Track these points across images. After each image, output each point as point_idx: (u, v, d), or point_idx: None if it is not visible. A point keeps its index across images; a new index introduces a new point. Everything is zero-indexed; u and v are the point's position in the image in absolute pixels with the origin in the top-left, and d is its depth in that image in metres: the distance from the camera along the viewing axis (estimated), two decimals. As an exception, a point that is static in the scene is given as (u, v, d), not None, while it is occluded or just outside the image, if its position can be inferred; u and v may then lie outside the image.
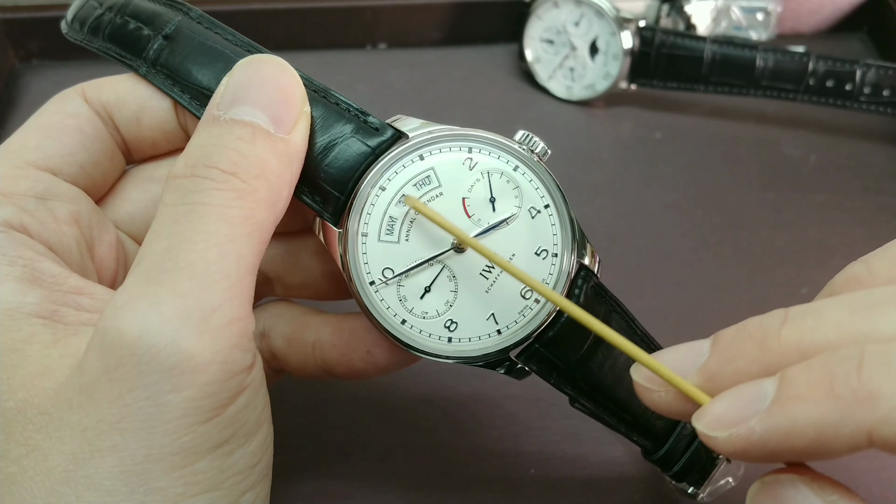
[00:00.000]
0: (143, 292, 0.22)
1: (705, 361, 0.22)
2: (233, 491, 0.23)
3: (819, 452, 0.20)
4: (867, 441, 0.19)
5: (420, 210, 0.26)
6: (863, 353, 0.19)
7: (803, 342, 0.21)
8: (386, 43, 0.56)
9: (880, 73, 0.48)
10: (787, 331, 0.21)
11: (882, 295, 0.21)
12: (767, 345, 0.21)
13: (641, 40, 0.50)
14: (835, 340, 0.20)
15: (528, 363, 0.28)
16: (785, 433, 0.20)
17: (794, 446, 0.20)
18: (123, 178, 0.30)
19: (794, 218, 0.46)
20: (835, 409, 0.19)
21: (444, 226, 0.26)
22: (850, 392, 0.19)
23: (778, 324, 0.21)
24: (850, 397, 0.19)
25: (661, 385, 0.23)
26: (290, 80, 0.25)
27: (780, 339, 0.21)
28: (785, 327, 0.21)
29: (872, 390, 0.19)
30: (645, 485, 0.35)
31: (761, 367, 0.21)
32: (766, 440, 0.20)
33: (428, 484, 0.35)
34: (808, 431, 0.19)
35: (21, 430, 0.22)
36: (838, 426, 0.19)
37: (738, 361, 0.22)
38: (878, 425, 0.19)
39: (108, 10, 0.29)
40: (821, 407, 0.19)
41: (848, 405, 0.19)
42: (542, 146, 0.28)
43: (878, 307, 0.20)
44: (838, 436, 0.19)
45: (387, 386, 0.38)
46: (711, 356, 0.22)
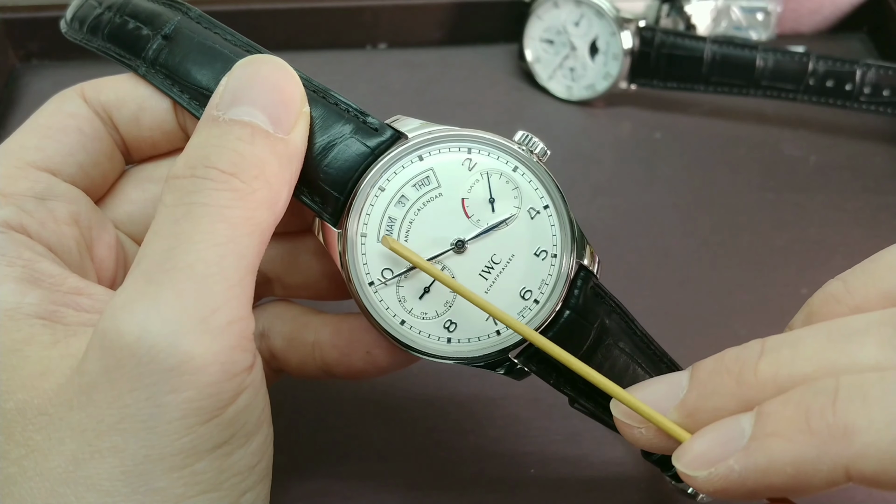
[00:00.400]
0: (143, 293, 0.22)
1: (684, 397, 0.22)
2: (233, 491, 0.23)
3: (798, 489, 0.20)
4: (845, 476, 0.19)
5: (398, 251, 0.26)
6: (838, 386, 0.19)
7: (780, 375, 0.21)
8: (386, 43, 0.56)
9: (880, 73, 0.48)
10: (764, 364, 0.21)
11: (858, 324, 0.21)
12: (745, 379, 0.21)
13: (641, 40, 0.50)
14: (811, 373, 0.20)
15: (527, 364, 0.28)
16: (763, 471, 0.20)
17: (772, 484, 0.20)
18: (123, 179, 0.30)
19: (794, 218, 0.46)
20: (812, 446, 0.19)
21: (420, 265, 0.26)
22: (826, 427, 0.19)
23: (755, 356, 0.21)
24: (825, 432, 0.19)
25: (641, 422, 0.23)
26: (289, 81, 0.25)
27: (758, 372, 0.21)
28: (762, 360, 0.21)
29: (848, 424, 0.19)
30: (645, 485, 0.35)
31: (739, 401, 0.21)
32: (744, 479, 0.20)
33: (428, 484, 0.35)
34: (786, 469, 0.19)
35: (21, 430, 0.22)
36: (816, 463, 0.19)
37: (717, 397, 0.22)
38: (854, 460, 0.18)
39: (107, 9, 0.29)
40: (797, 443, 0.19)
41: (824, 441, 0.19)
42: (541, 147, 0.27)
43: (854, 337, 0.20)
44: (816, 472, 0.19)
45: (387, 386, 0.38)
46: (690, 391, 0.22)
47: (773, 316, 0.41)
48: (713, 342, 0.40)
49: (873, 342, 0.20)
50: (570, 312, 0.27)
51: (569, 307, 0.27)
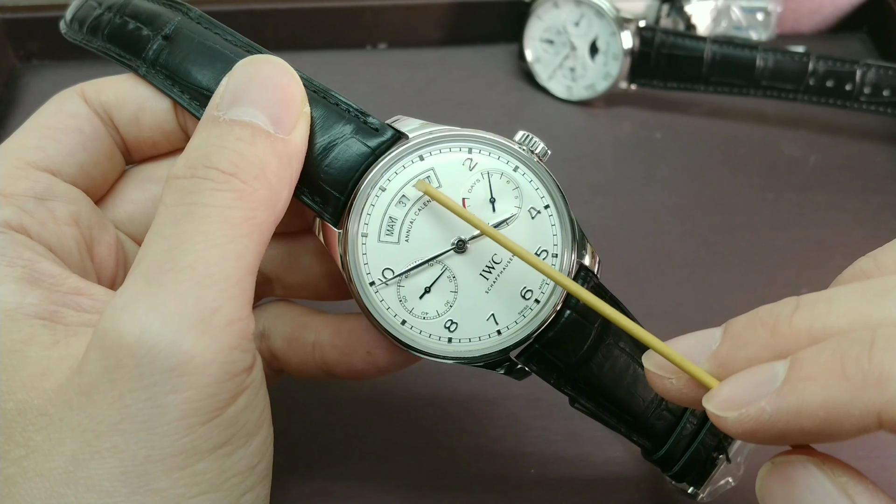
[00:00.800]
0: (143, 293, 0.22)
1: (717, 348, 0.22)
2: (233, 492, 0.23)
3: (828, 434, 0.20)
4: (877, 423, 0.19)
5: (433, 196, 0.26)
6: (874, 336, 0.19)
7: (815, 328, 0.21)
8: (386, 43, 0.56)
9: (880, 73, 0.48)
10: (799, 317, 0.21)
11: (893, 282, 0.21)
12: (779, 330, 0.21)
13: (641, 40, 0.50)
14: (846, 326, 0.20)
15: (528, 364, 0.28)
16: (795, 413, 0.20)
17: (803, 427, 0.20)
18: (123, 179, 0.30)
19: (794, 218, 0.46)
20: (845, 391, 0.19)
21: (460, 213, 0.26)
22: (861, 373, 0.19)
23: (790, 310, 0.21)
24: (860, 379, 0.19)
25: (673, 372, 0.23)
26: (289, 81, 0.25)
27: (792, 324, 0.21)
28: (797, 314, 0.21)
29: (883, 372, 0.19)
30: (645, 485, 0.35)
31: (773, 352, 0.21)
32: (775, 420, 0.20)
33: (428, 484, 0.35)
34: (817, 412, 0.19)
35: (21, 431, 0.22)
36: (848, 407, 0.19)
37: (750, 347, 0.22)
38: (887, 406, 0.18)
39: (107, 10, 0.29)
40: (831, 388, 0.19)
41: (858, 386, 0.19)
42: (542, 146, 0.27)
43: (888, 294, 0.21)
44: (848, 417, 0.19)
45: (387, 386, 0.38)
46: (723, 343, 0.22)
47: (774, 316, 0.41)
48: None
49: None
50: (570, 312, 0.27)
51: (569, 307, 0.27)
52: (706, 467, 0.30)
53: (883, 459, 0.36)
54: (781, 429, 0.20)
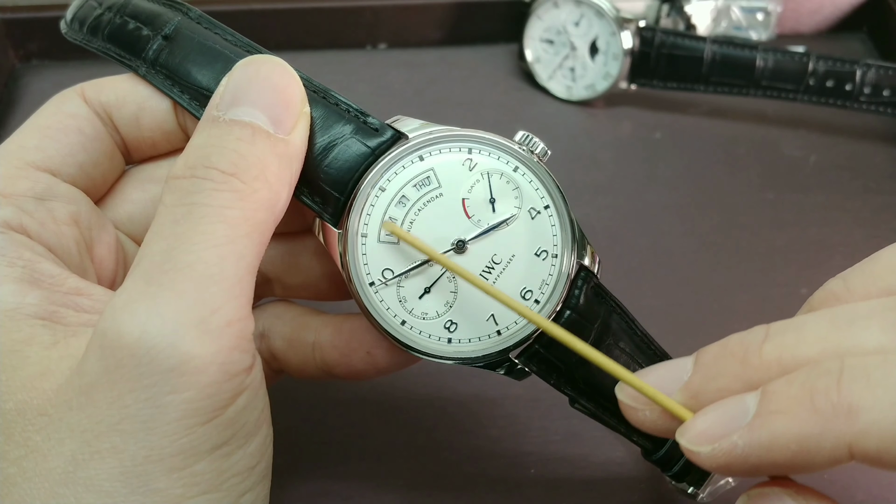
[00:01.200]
0: (143, 293, 0.22)
1: (689, 379, 0.23)
2: (232, 492, 0.23)
3: (800, 466, 0.20)
4: (848, 454, 0.19)
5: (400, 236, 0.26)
6: (842, 367, 0.19)
7: (784, 358, 0.21)
8: (386, 43, 0.56)
9: (880, 73, 0.48)
10: (769, 347, 0.21)
11: (862, 309, 0.21)
12: (749, 361, 0.21)
13: (641, 40, 0.50)
14: (815, 355, 0.21)
15: (528, 364, 0.28)
16: (767, 447, 0.20)
17: (775, 460, 0.20)
18: (123, 179, 0.30)
19: (794, 218, 0.46)
20: (815, 423, 0.19)
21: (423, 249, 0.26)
22: (830, 406, 0.19)
23: (759, 340, 0.22)
24: (830, 411, 0.19)
25: (646, 403, 0.23)
26: (289, 81, 0.25)
27: (762, 355, 0.21)
28: (766, 343, 0.22)
29: (852, 403, 0.19)
30: (645, 485, 0.35)
31: (744, 383, 0.21)
32: (747, 454, 0.20)
33: (428, 484, 0.35)
34: (789, 445, 0.20)
35: (20, 431, 0.22)
36: (819, 440, 0.19)
37: (721, 379, 0.22)
38: (858, 438, 0.19)
39: (107, 10, 0.29)
40: (801, 421, 0.19)
41: (828, 419, 0.19)
42: (542, 147, 0.27)
43: (858, 321, 0.21)
44: (819, 449, 0.19)
45: (387, 386, 0.38)
46: (694, 374, 0.23)
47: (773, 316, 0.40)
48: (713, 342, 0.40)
49: (877, 326, 0.20)
50: (570, 312, 0.27)
51: (569, 307, 0.27)
52: (706, 467, 0.30)
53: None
54: (754, 462, 0.20)
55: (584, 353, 0.24)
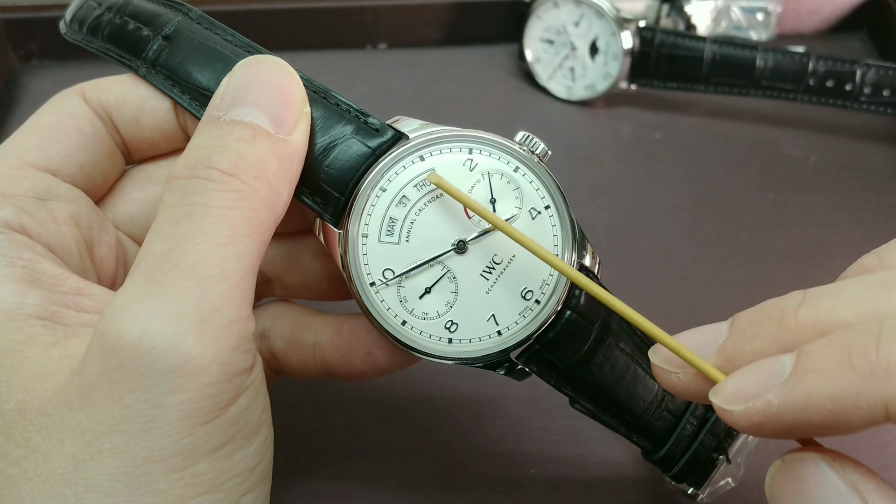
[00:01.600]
0: (143, 294, 0.22)
1: (723, 342, 0.22)
2: (233, 492, 0.23)
3: (836, 426, 0.19)
4: (884, 415, 0.19)
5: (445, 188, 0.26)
6: (881, 328, 0.19)
7: (821, 321, 0.21)
8: (386, 43, 0.56)
9: (880, 73, 0.48)
10: (805, 310, 0.21)
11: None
12: (785, 324, 0.21)
13: (641, 40, 0.50)
14: (852, 319, 0.20)
15: (528, 364, 0.28)
16: (802, 406, 0.20)
17: (810, 419, 0.20)
18: (123, 179, 0.30)
19: (794, 218, 0.46)
20: (852, 382, 0.19)
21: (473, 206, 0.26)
22: (868, 365, 0.19)
23: (796, 304, 0.22)
24: (867, 370, 0.19)
25: (680, 366, 0.23)
26: (290, 81, 0.25)
27: (798, 318, 0.21)
28: (803, 307, 0.21)
29: (891, 363, 0.19)
30: (645, 485, 0.35)
31: (779, 346, 0.21)
32: (782, 413, 0.20)
33: (428, 484, 0.35)
34: (825, 404, 0.19)
35: (21, 431, 0.22)
36: (856, 399, 0.19)
37: (757, 341, 0.22)
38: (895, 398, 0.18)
39: (107, 10, 0.29)
40: (838, 380, 0.19)
41: (865, 378, 0.19)
42: (542, 147, 0.27)
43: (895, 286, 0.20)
44: (855, 409, 0.19)
45: (387, 386, 0.38)
46: (730, 336, 0.22)
47: (774, 316, 0.41)
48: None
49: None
50: (571, 313, 0.27)
51: (570, 307, 0.27)
52: (706, 468, 0.30)
53: (883, 459, 0.36)
54: (788, 421, 0.20)
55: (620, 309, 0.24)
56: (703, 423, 0.30)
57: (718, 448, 0.30)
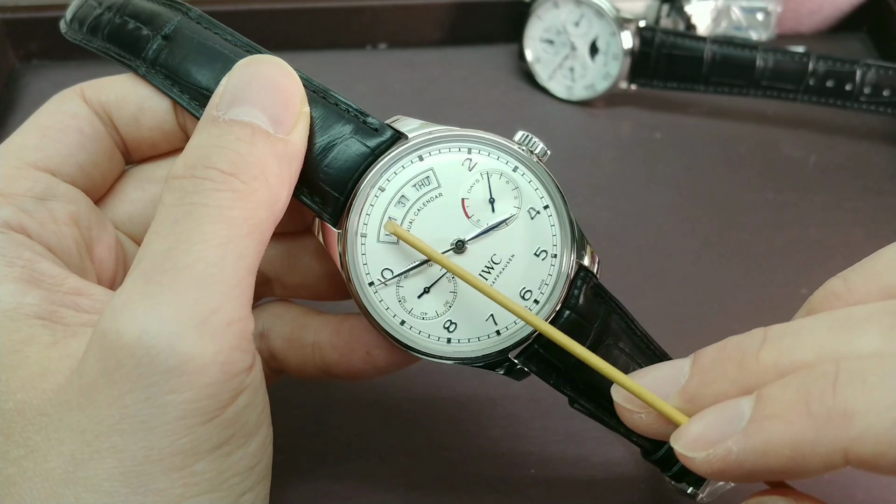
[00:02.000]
0: (143, 293, 0.22)
1: (685, 383, 0.23)
2: (232, 492, 0.23)
3: (796, 471, 0.20)
4: (843, 459, 0.19)
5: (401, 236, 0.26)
6: (838, 371, 0.19)
7: (781, 362, 0.21)
8: (386, 43, 0.56)
9: (880, 73, 0.48)
10: (766, 351, 0.21)
11: (859, 314, 0.21)
12: (746, 365, 0.21)
13: (641, 40, 0.50)
14: (812, 360, 0.21)
15: (527, 364, 0.28)
16: (761, 453, 0.20)
17: (770, 466, 0.20)
18: (122, 179, 0.30)
19: (794, 218, 0.46)
20: (810, 428, 0.19)
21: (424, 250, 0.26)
22: (826, 410, 0.19)
23: (757, 344, 0.22)
24: (825, 416, 0.19)
25: (641, 406, 0.23)
26: (289, 81, 0.25)
27: (759, 359, 0.21)
28: (764, 348, 0.21)
29: (847, 408, 0.19)
30: (645, 485, 0.35)
31: (740, 387, 0.21)
32: (742, 460, 0.20)
33: (428, 484, 0.35)
34: (784, 451, 0.19)
35: (20, 431, 0.22)
36: (814, 445, 0.19)
37: (718, 383, 0.22)
38: (853, 443, 0.19)
39: (107, 9, 0.29)
40: (796, 426, 0.19)
41: (823, 424, 0.19)
42: (541, 147, 0.27)
43: (855, 326, 0.21)
44: (814, 455, 0.19)
45: (387, 386, 0.38)
46: (692, 377, 0.22)
47: (773, 316, 0.40)
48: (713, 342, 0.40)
49: (874, 330, 0.20)
50: (569, 312, 0.27)
51: (569, 307, 0.27)
52: (706, 467, 0.30)
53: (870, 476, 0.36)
54: (749, 468, 0.20)
55: (580, 355, 0.24)
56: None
57: (718, 448, 0.30)
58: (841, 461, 0.19)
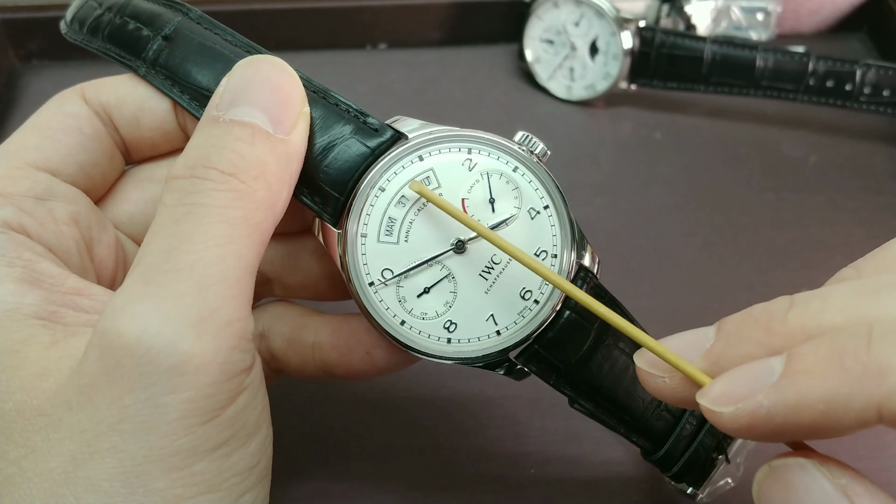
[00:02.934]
0: (143, 293, 0.22)
1: (711, 346, 0.22)
2: (232, 492, 0.23)
3: (827, 428, 0.19)
4: (877, 416, 0.18)
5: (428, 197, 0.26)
6: (871, 330, 0.19)
7: (809, 325, 0.21)
8: (386, 43, 0.56)
9: (880, 73, 0.48)
10: (794, 315, 0.21)
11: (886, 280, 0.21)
12: (773, 328, 0.21)
13: (641, 40, 0.50)
14: (841, 322, 0.20)
15: (527, 364, 0.28)
16: (793, 407, 0.19)
17: (801, 421, 0.19)
18: (123, 179, 0.30)
19: (794, 218, 0.46)
20: (844, 383, 0.19)
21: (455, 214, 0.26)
22: (860, 366, 0.19)
23: (784, 308, 0.21)
24: (859, 371, 0.19)
25: (666, 370, 0.23)
26: (289, 81, 0.25)
27: (787, 322, 0.21)
28: (791, 311, 0.21)
29: (882, 364, 0.18)
30: (645, 485, 0.35)
31: (767, 349, 0.21)
32: (773, 415, 0.20)
33: (428, 484, 0.35)
34: (816, 405, 0.19)
35: (20, 431, 0.22)
36: (847, 400, 0.19)
37: (744, 345, 0.21)
38: (887, 399, 0.18)
39: (107, 10, 0.29)
40: (830, 381, 0.19)
41: (857, 379, 0.19)
42: (541, 147, 0.27)
43: (882, 290, 0.20)
44: (847, 410, 0.19)
45: (387, 386, 0.38)
46: (717, 341, 0.22)
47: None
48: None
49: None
50: (569, 312, 0.27)
51: (569, 307, 0.27)
52: (705, 468, 0.30)
53: (882, 460, 0.36)
54: (779, 423, 0.20)
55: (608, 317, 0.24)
56: (702, 423, 0.30)
57: (718, 448, 0.30)
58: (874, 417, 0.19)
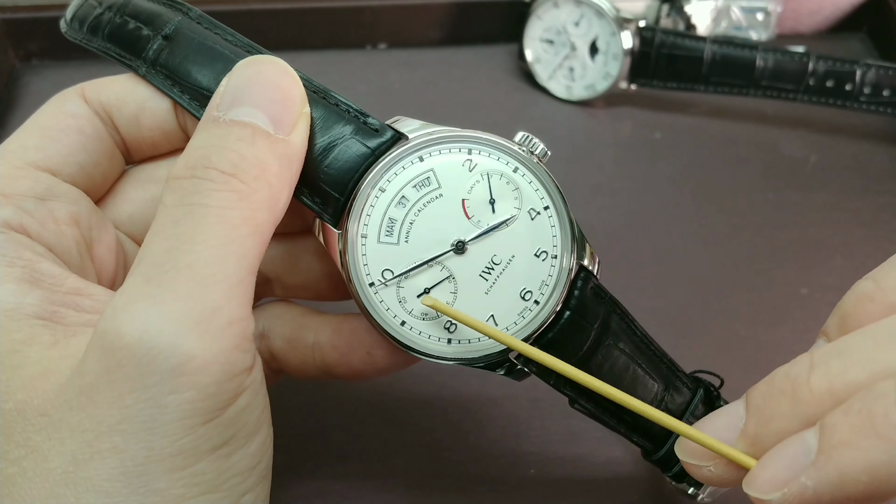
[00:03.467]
0: (143, 293, 0.22)
1: (744, 426, 0.22)
2: (233, 492, 0.23)
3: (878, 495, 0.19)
4: None
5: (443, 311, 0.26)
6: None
7: (835, 386, 0.20)
8: (386, 43, 0.56)
9: (880, 73, 0.48)
10: (816, 378, 0.21)
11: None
12: (800, 397, 0.21)
13: (641, 40, 0.50)
14: (866, 379, 0.20)
15: (527, 364, 0.28)
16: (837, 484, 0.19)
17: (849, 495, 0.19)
18: (123, 179, 0.30)
19: (795, 218, 0.46)
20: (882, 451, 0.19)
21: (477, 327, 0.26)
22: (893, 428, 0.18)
23: (805, 372, 0.21)
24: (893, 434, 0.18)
25: (709, 458, 0.23)
26: (289, 81, 0.25)
27: (812, 387, 0.21)
28: (813, 374, 0.21)
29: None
30: (645, 485, 0.35)
31: (800, 420, 0.21)
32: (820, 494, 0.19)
33: (428, 484, 0.35)
34: (860, 477, 0.19)
35: (21, 431, 0.22)
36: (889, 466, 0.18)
37: (777, 420, 0.21)
38: None
39: (107, 9, 0.29)
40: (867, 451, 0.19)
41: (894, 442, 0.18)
42: (541, 147, 0.27)
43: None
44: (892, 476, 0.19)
45: (387, 386, 0.38)
46: (749, 419, 0.22)
47: (773, 316, 0.41)
48: (713, 342, 0.40)
49: None
50: (570, 313, 0.27)
51: (569, 308, 0.27)
52: (706, 468, 0.30)
53: None
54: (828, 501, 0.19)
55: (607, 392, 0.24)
56: (702, 423, 0.30)
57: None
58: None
